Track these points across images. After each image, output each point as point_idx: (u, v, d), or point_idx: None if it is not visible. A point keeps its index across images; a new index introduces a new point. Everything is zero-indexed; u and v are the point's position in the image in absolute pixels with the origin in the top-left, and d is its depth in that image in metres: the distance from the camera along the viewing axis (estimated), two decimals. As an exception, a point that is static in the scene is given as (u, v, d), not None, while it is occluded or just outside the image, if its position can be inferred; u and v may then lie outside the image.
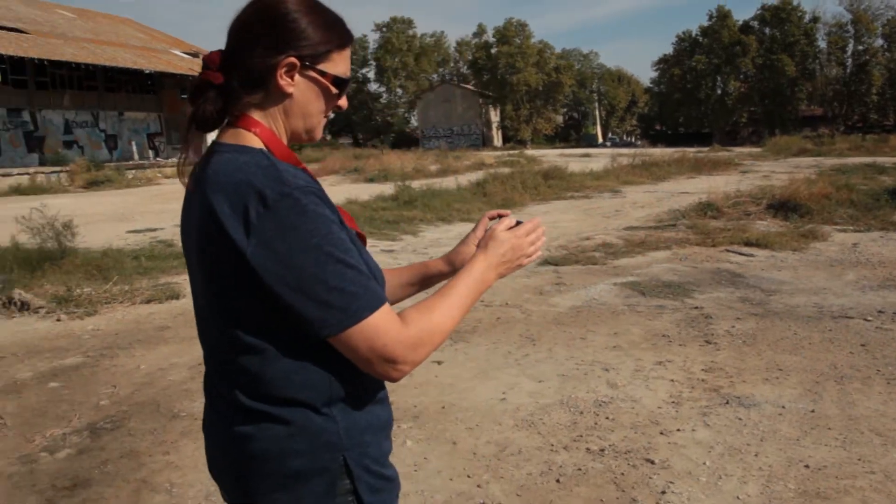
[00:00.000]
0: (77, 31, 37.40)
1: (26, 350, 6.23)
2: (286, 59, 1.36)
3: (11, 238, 11.01)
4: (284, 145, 1.40)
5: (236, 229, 1.25)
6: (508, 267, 1.53)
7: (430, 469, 3.71)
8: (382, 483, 1.41)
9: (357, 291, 1.27)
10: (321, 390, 1.34)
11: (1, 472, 3.86)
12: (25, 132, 34.43)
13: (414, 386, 4.95)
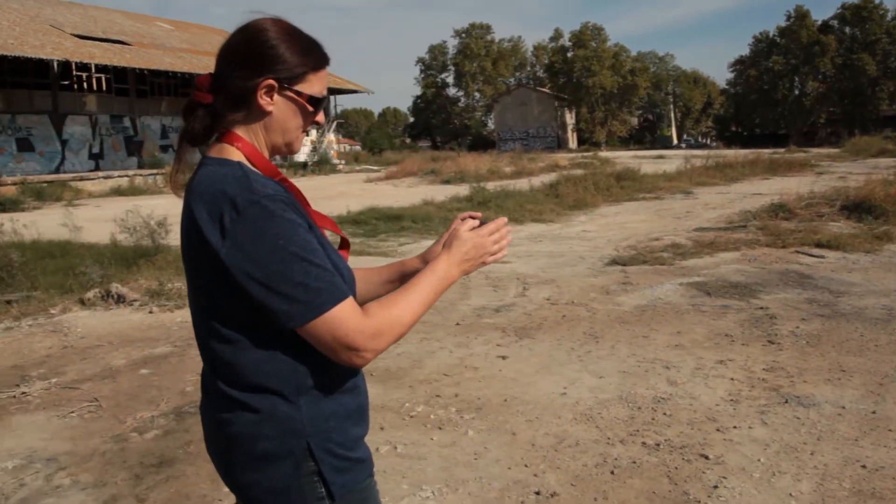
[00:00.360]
0: (174, 42, 38.75)
1: (121, 339, 6.55)
2: (265, 81, 1.48)
3: (110, 236, 11.55)
4: (265, 158, 1.52)
5: (213, 233, 1.38)
6: (472, 264, 1.59)
7: (489, 458, 3.77)
8: (348, 465, 1.50)
9: (320, 287, 1.37)
10: (288, 380, 1.45)
11: (95, 449, 4.10)
12: (126, 137, 35.86)
13: (478, 379, 5.02)
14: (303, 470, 1.47)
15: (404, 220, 15.16)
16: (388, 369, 5.32)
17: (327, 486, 1.48)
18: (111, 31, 35.90)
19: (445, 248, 1.59)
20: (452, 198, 18.61)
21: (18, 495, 3.60)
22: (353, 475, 1.52)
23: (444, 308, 7.19)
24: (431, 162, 35.59)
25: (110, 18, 39.37)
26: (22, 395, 5.09)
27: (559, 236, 12.71)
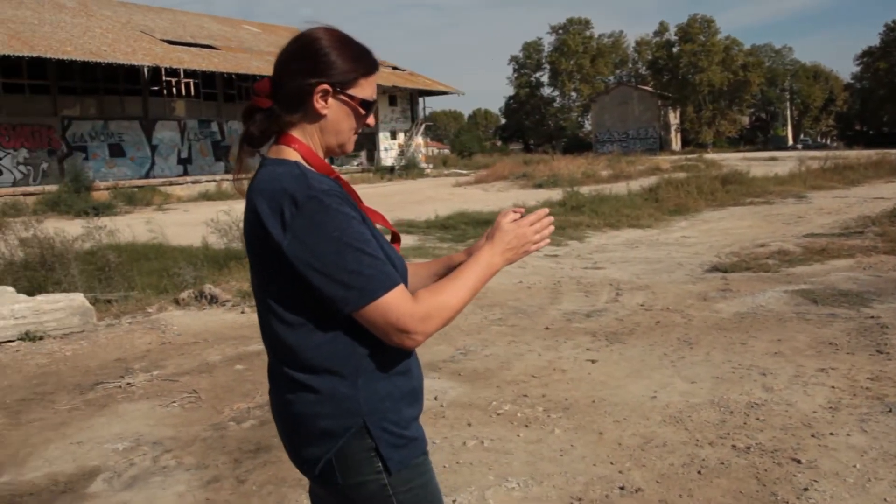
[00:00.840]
0: (261, 45, 40.27)
1: (215, 337, 7.07)
2: (320, 86, 1.68)
3: (202, 239, 12.28)
4: (320, 158, 1.73)
5: (275, 227, 1.58)
6: (515, 253, 1.78)
7: (574, 455, 4.01)
8: (403, 441, 1.69)
9: (373, 274, 1.57)
10: (346, 362, 1.65)
11: (197, 436, 4.54)
12: (213, 142, 37.51)
13: (566, 381, 5.26)
14: (361, 446, 1.65)
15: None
16: (475, 370, 5.62)
17: (384, 461, 1.66)
18: (199, 36, 37.60)
19: (489, 239, 1.77)
20: (545, 202, 18.79)
21: (129, 473, 4.06)
22: (408, 451, 1.70)
23: (533, 312, 7.45)
24: (523, 165, 35.81)
25: (199, 23, 41.25)
26: (127, 385, 5.62)
27: (657, 242, 12.75)
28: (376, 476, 1.67)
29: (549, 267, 10.46)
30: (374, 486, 1.68)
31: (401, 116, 45.24)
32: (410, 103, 46.39)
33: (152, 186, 30.45)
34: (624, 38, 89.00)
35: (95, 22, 34.55)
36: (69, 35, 30.82)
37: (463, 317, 7.36)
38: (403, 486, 1.70)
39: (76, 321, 7.61)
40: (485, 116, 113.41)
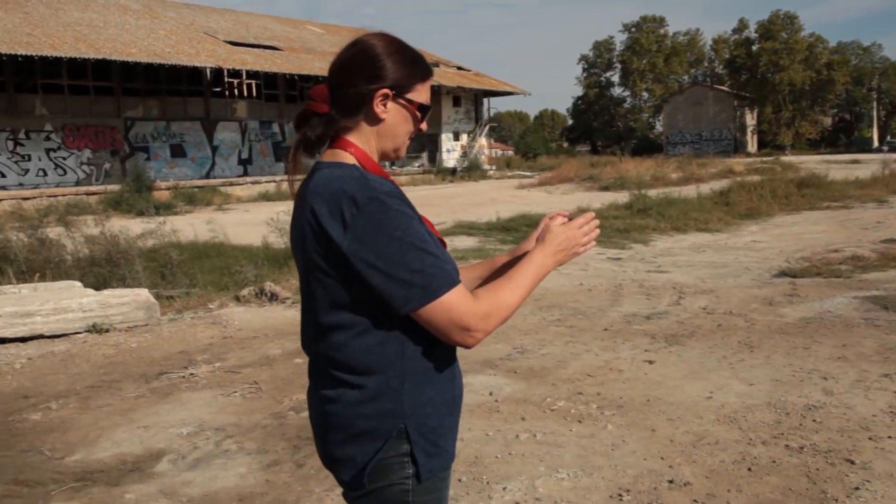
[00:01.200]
0: (325, 46, 41.05)
1: (276, 332, 7.40)
2: (381, 90, 1.76)
3: (263, 238, 12.73)
4: (375, 162, 1.80)
5: (335, 228, 1.64)
6: (565, 254, 1.86)
7: (626, 449, 4.19)
8: (437, 451, 1.75)
9: (435, 273, 1.64)
10: (394, 364, 1.71)
11: (257, 423, 4.85)
12: (274, 143, 38.37)
13: (622, 381, 5.42)
14: (396, 450, 1.71)
15: (557, 227, 15.56)
16: (531, 368, 5.82)
17: (416, 467, 1.72)
18: (262, 37, 38.53)
19: (539, 242, 1.84)
20: (610, 205, 18.84)
21: (193, 455, 4.38)
22: (440, 461, 1.76)
23: (592, 314, 7.61)
24: (590, 167, 35.76)
25: (262, 24, 42.26)
26: (190, 375, 5.98)
27: (725, 246, 12.75)
28: (403, 481, 1.73)
29: (611, 270, 10.58)
30: (396, 491, 1.74)
31: (464, 117, 45.56)
32: (475, 104, 46.70)
33: (212, 187, 31.34)
34: (700, 35, 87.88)
35: (159, 24, 35.71)
36: (133, 37, 31.94)
37: (521, 317, 7.57)
38: (423, 495, 1.76)
39: (141, 315, 8.04)
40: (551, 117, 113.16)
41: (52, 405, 5.38)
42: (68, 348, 6.96)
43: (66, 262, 10.12)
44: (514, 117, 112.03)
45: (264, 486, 3.92)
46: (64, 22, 31.23)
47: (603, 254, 12.44)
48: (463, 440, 4.40)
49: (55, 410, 5.27)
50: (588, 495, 3.66)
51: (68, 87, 30.66)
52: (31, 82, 29.60)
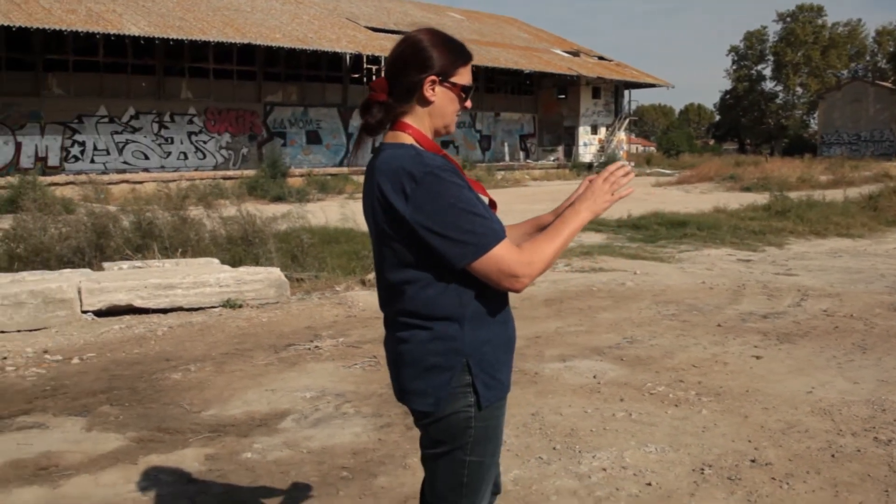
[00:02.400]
0: (464, 33, 41.85)
1: (397, 314, 8.03)
2: (429, 77, 2.17)
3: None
4: (430, 139, 2.20)
5: (398, 200, 2.04)
6: (596, 204, 2.20)
7: (716, 432, 4.55)
8: (495, 383, 2.17)
9: (485, 232, 2.03)
10: (455, 310, 2.11)
11: (374, 392, 5.46)
12: (409, 132, 39.47)
13: (725, 373, 5.73)
14: (460, 381, 2.12)
15: (688, 226, 15.64)
16: (638, 356, 6.20)
17: (477, 397, 2.13)
18: (403, 23, 39.67)
19: (574, 198, 2.24)
20: (748, 206, 18.70)
21: (314, 416, 5.02)
22: (496, 392, 2.18)
23: (709, 310, 7.88)
24: (733, 167, 35.10)
25: (403, 10, 43.51)
26: (315, 348, 6.67)
27: (864, 252, 12.59)
28: (466, 409, 2.14)
29: (738, 270, 10.71)
30: (461, 417, 2.14)
31: (603, 110, 45.44)
32: (615, 96, 46.47)
33: (346, 175, 32.63)
34: (862, 26, 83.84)
35: (304, 9, 37.39)
36: (278, 22, 33.62)
37: (637, 310, 7.93)
38: (483, 421, 2.17)
39: (272, 293, 8.85)
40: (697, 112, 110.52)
41: (191, 367, 6.17)
42: (205, 320, 7.81)
43: (204, 240, 11.12)
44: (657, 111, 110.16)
45: (376, 444, 4.51)
46: (214, 6, 33.22)
47: (733, 255, 12.53)
48: (562, 415, 4.87)
49: (193, 372, 6.06)
50: (672, 468, 4.06)
51: (213, 72, 32.54)
52: (179, 66, 31.63)
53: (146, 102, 31.00)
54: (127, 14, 28.20)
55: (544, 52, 43.48)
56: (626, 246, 13.58)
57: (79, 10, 27.02)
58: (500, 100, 43.30)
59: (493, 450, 2.25)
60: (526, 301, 8.58)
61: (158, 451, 4.52)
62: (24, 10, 25.33)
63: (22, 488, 4.03)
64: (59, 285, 7.99)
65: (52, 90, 28.94)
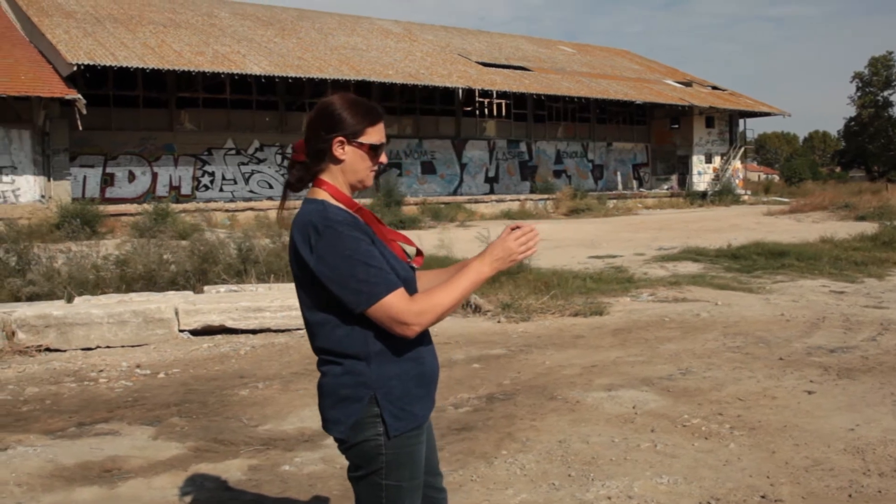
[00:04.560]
0: (574, 66, 41.89)
1: (466, 340, 8.18)
2: (336, 138, 2.34)
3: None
4: (345, 194, 2.36)
5: (305, 250, 2.25)
6: (502, 262, 2.32)
7: (736, 466, 4.48)
8: (405, 414, 2.31)
9: (378, 282, 2.20)
10: (360, 349, 2.29)
11: (418, 413, 5.61)
12: (521, 162, 39.69)
13: (770, 407, 5.61)
14: (368, 412, 2.28)
15: (788, 256, 15.13)
16: (686, 388, 6.13)
17: (385, 426, 2.28)
18: (513, 58, 40.08)
19: (482, 252, 2.34)
20: (856, 236, 17.93)
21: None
22: (406, 423, 2.31)
23: (776, 343, 7.67)
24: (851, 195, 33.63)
25: (515, 45, 43.91)
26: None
27: (966, 286, 11.91)
28: (376, 437, 2.29)
29: (825, 302, 10.34)
30: (372, 445, 2.30)
31: (717, 139, 44.40)
32: (729, 125, 45.35)
33: (458, 203, 33.07)
34: None
35: (417, 46, 38.26)
36: (392, 59, 34.53)
37: (701, 341, 7.80)
38: (394, 448, 2.31)
39: (355, 317, 9.14)
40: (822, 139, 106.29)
41: (259, 385, 6.49)
42: (286, 341, 8.17)
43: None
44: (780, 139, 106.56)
45: (403, 461, 4.66)
46: (331, 46, 34.43)
47: (827, 286, 12.07)
48: (588, 443, 4.90)
49: (260, 389, 6.37)
50: (678, 499, 4.05)
51: (333, 107, 33.71)
52: (299, 101, 32.89)
53: (270, 136, 32.34)
54: (250, 55, 29.58)
55: (656, 83, 42.91)
56: (719, 276, 13.28)
57: (206, 52, 28.54)
58: (612, 130, 43.00)
59: (410, 475, 2.38)
60: (596, 330, 8.58)
61: (210, 460, 4.82)
62: (158, 53, 26.99)
63: (83, 487, 4.39)
64: (158, 306, 8.54)
65: (184, 125, 30.63)
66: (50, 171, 24.66)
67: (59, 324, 7.93)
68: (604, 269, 13.90)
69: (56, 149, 24.79)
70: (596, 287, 11.64)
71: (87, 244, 11.84)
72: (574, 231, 23.83)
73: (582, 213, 32.93)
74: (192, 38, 30.10)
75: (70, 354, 7.63)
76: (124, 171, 28.92)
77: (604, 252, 17.46)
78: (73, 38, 26.11)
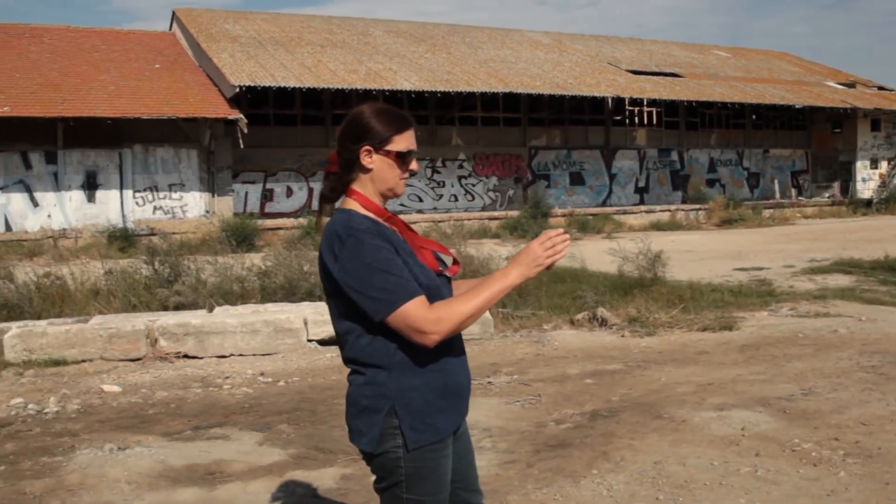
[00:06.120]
0: (728, 71, 40.37)
1: (585, 355, 8.02)
2: (364, 147, 2.35)
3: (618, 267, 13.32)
4: (375, 203, 2.37)
5: (330, 260, 2.28)
6: (528, 268, 2.27)
7: (841, 497, 4.18)
8: (424, 427, 2.28)
9: (396, 290, 2.20)
10: (382, 359, 2.28)
11: (519, 429, 5.56)
12: (672, 171, 38.56)
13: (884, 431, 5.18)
14: (388, 423, 2.27)
15: (955, 269, 14.01)
16: (804, 410, 5.76)
17: (404, 438, 2.26)
18: (664, 64, 39.08)
19: (510, 261, 2.31)
20: None
21: (454, 447, 5.21)
22: (426, 436, 2.28)
23: (919, 364, 7.10)
24: None
25: (666, 51, 42.85)
26: (488, 383, 6.86)
27: None
28: (395, 449, 2.28)
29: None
30: (391, 457, 2.29)
31: (884, 143, 41.46)
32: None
33: (606, 214, 32.50)
34: None
35: (566, 56, 38.00)
36: (540, 70, 34.44)
37: (835, 360, 7.32)
38: (414, 462, 2.29)
39: (477, 329, 9.14)
40: None
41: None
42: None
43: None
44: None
45: (489, 478, 4.61)
46: (480, 59, 34.71)
47: None
48: (685, 465, 4.69)
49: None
50: (768, 529, 3.80)
51: (481, 119, 33.95)
52: (449, 115, 33.35)
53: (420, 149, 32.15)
54: (401, 71, 30.25)
55: (816, 86, 40.62)
56: (871, 290, 12.42)
57: (359, 70, 29.41)
58: (769, 136, 41.02)
59: (433, 489, 2.35)
60: (722, 346, 8.22)
61: (307, 467, 4.95)
62: (314, 72, 28.06)
63: (185, 488, 4.62)
64: (287, 316, 8.87)
65: (338, 141, 31.80)
66: (214, 187, 26.13)
67: (197, 332, 8.37)
68: (746, 282, 13.29)
69: (220, 166, 26.25)
70: (733, 301, 11.15)
71: (233, 257, 12.43)
72: (722, 242, 22.94)
73: (735, 224, 31.58)
74: (347, 57, 31.14)
75: (205, 361, 8.03)
76: (283, 186, 30.23)
77: (750, 264, 16.69)
78: (237, 61, 27.59)
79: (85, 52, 27.99)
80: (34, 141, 23.07)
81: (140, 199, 24.85)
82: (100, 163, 24.22)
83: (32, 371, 7.43)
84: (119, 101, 23.84)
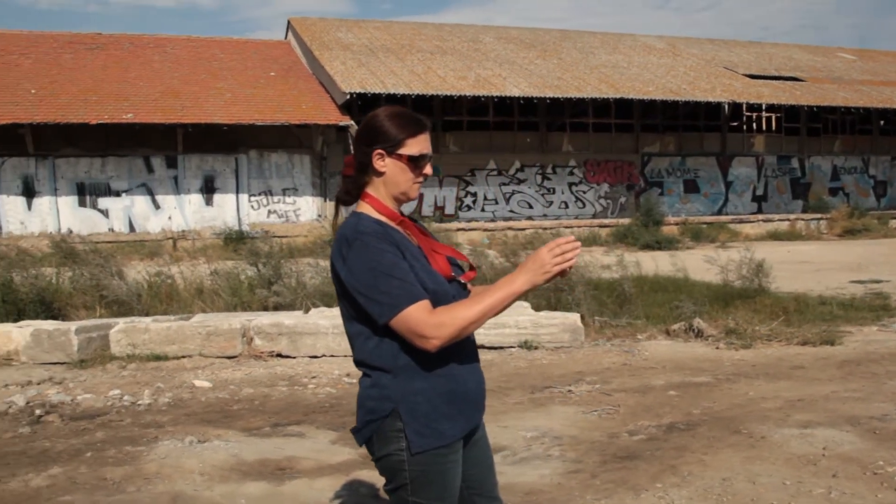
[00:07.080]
0: (854, 74, 38.56)
1: (673, 365, 7.83)
2: (376, 151, 2.36)
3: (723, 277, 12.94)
4: (387, 207, 2.38)
5: (339, 262, 2.30)
6: (535, 275, 2.23)
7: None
8: (429, 431, 2.28)
9: (399, 293, 2.20)
10: (387, 362, 2.30)
11: (590, 439, 5.49)
12: (792, 179, 37.12)
13: None
14: (392, 426, 2.30)
15: None
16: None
17: (408, 442, 2.27)
18: (784, 68, 37.69)
19: (518, 268, 2.29)
20: None
21: (521, 454, 5.21)
22: (431, 440, 2.29)
23: None
24: None
25: (787, 54, 41.31)
26: (568, 392, 6.80)
27: None
28: (398, 452, 2.31)
29: None
30: (394, 459, 2.32)
31: None
32: None
33: (721, 223, 31.53)
34: None
35: (680, 61, 37.15)
36: (653, 76, 33.80)
37: (942, 380, 6.91)
38: (418, 465, 2.30)
39: (566, 337, 9.07)
40: None
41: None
42: (493, 358, 8.27)
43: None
44: None
45: (550, 487, 4.59)
46: (591, 65, 34.35)
47: None
48: (754, 483, 4.53)
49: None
50: (832, 553, 3.63)
51: (592, 126, 33.56)
52: (559, 121, 33.13)
53: (530, 156, 32.80)
54: (511, 77, 30.26)
55: (952, 88, 38.35)
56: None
57: (469, 76, 29.60)
58: (898, 142, 39.03)
59: (438, 494, 2.36)
60: (820, 361, 7.88)
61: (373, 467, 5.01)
62: (424, 79, 28.42)
63: (254, 482, 4.78)
64: (378, 320, 9.01)
65: (448, 147, 31.89)
66: (326, 192, 26.81)
67: (290, 332, 8.62)
68: (860, 295, 12.66)
69: (332, 171, 26.91)
70: (842, 314, 10.67)
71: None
72: (841, 253, 21.92)
73: (858, 234, 30.10)
74: (457, 64, 31.39)
75: (297, 361, 8.26)
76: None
77: (868, 276, 15.90)
78: (348, 69, 28.22)
79: (204, 60, 29.24)
80: (156, 146, 24.30)
81: (255, 203, 25.77)
82: (217, 167, 25.28)
83: (134, 365, 7.82)
84: (235, 108, 24.81)
